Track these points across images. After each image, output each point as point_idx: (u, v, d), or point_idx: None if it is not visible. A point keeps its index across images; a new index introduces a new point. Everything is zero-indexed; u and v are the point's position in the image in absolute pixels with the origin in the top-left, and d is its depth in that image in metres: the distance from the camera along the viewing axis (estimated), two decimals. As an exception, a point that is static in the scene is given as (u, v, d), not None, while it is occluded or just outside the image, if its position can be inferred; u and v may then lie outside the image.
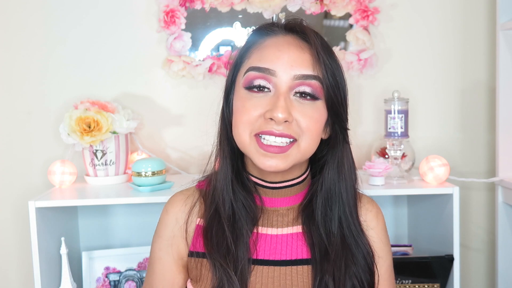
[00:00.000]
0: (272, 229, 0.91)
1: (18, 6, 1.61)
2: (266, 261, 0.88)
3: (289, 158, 0.84)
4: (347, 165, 0.92)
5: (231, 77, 0.91)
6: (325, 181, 0.91)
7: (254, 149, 0.85)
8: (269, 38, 0.87)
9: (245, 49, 0.89)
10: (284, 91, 0.83)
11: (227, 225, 0.88)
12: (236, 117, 0.87)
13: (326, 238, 0.89)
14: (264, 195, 0.92)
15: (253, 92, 0.85)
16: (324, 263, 0.87)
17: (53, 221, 1.41)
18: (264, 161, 0.84)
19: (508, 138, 1.57)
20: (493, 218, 1.67)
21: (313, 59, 0.84)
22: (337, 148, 0.91)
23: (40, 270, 1.31)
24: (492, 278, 1.73)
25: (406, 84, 1.65)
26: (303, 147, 0.85)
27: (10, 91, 1.64)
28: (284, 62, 0.83)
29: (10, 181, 1.65)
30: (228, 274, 0.85)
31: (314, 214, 0.91)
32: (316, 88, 0.84)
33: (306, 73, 0.83)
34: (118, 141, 1.50)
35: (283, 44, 0.85)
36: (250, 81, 0.85)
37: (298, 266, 0.89)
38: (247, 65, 0.87)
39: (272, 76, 0.83)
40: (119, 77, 1.64)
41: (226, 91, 0.92)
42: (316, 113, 0.85)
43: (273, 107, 0.82)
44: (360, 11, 1.62)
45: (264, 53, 0.85)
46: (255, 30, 0.91)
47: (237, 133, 0.87)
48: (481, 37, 1.69)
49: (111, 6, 1.62)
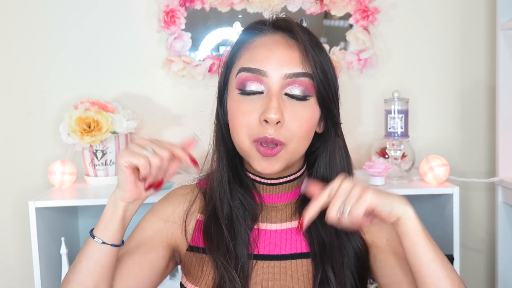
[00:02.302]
0: (272, 225, 0.92)
1: (19, 7, 1.61)
2: (267, 256, 0.89)
3: (280, 160, 0.86)
4: (339, 158, 0.93)
5: (223, 78, 0.92)
6: (317, 174, 0.93)
7: (253, 154, 0.86)
8: (258, 37, 0.89)
9: (236, 50, 0.91)
10: (276, 91, 0.85)
11: (225, 225, 0.90)
12: (233, 121, 0.88)
13: (322, 230, 0.90)
14: (263, 191, 0.93)
15: (246, 95, 0.86)
16: (324, 255, 0.88)
17: (53, 221, 1.41)
18: (260, 164, 0.86)
19: (508, 138, 1.57)
20: (493, 218, 1.67)
21: (302, 56, 0.85)
22: (329, 142, 0.92)
23: (40, 270, 1.31)
24: (492, 278, 1.73)
25: (406, 84, 1.65)
26: (291, 149, 0.86)
27: (11, 91, 1.64)
28: (274, 62, 0.85)
29: (10, 181, 1.66)
30: (229, 272, 0.86)
31: None
32: (307, 86, 0.85)
33: (296, 71, 0.85)
34: (118, 141, 1.50)
35: (272, 43, 0.87)
36: (242, 83, 0.86)
37: (298, 259, 0.89)
38: (238, 66, 0.88)
39: (263, 76, 0.85)
40: (119, 77, 1.64)
41: (219, 92, 0.94)
42: (307, 112, 0.86)
43: (266, 109, 0.83)
44: (360, 11, 1.62)
45: (254, 53, 0.87)
46: (244, 29, 0.93)
47: (236, 138, 0.88)
48: (481, 37, 1.69)
49: (111, 6, 1.62)
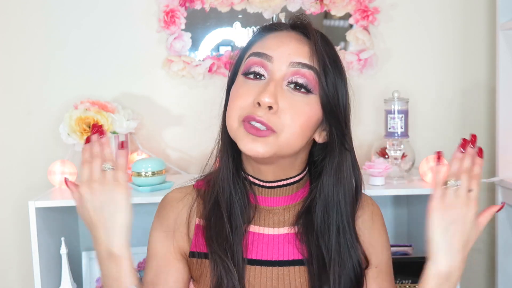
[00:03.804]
0: (268, 229, 0.91)
1: (18, 7, 1.61)
2: (262, 261, 0.88)
3: (268, 145, 0.82)
4: (346, 173, 0.90)
5: (233, 71, 0.91)
6: (323, 188, 0.90)
7: (240, 133, 0.84)
8: (273, 32, 0.89)
9: (249, 44, 0.91)
10: (278, 78, 0.84)
11: (226, 217, 0.88)
12: (229, 103, 0.87)
13: (323, 245, 0.88)
14: (259, 194, 0.92)
15: (249, 79, 0.85)
16: (322, 270, 0.87)
17: (53, 221, 1.41)
18: (245, 143, 0.83)
19: (508, 138, 1.57)
20: (493, 218, 1.67)
21: (311, 51, 0.85)
22: (334, 154, 0.89)
23: (40, 270, 1.31)
24: (492, 278, 1.72)
25: (406, 84, 1.65)
26: (282, 141, 0.82)
27: (11, 91, 1.64)
28: (283, 51, 0.85)
29: (10, 181, 1.65)
30: (227, 267, 0.85)
31: (312, 221, 0.90)
32: (311, 80, 0.84)
33: (302, 62, 0.84)
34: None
35: (285, 37, 0.87)
36: (248, 67, 0.86)
37: (295, 266, 0.88)
38: (248, 55, 0.88)
39: (269, 62, 0.84)
40: (119, 77, 1.64)
41: (228, 85, 0.92)
42: (306, 108, 0.83)
43: (262, 91, 0.82)
44: (360, 11, 1.62)
45: (266, 42, 0.87)
46: (260, 27, 0.92)
47: (228, 118, 0.86)
48: (481, 37, 1.69)
49: (111, 6, 1.62)
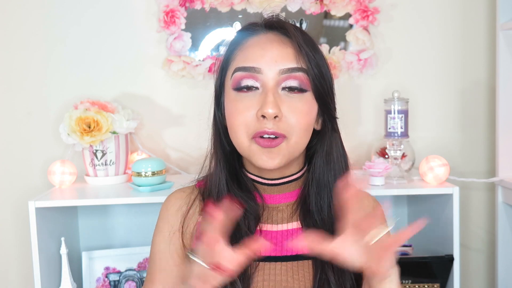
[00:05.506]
0: (274, 225, 0.92)
1: (17, 5, 1.60)
2: (268, 258, 0.89)
3: (281, 153, 0.85)
4: (336, 154, 0.93)
5: (219, 81, 0.93)
6: (315, 170, 0.92)
7: (253, 149, 0.86)
8: (251, 38, 0.90)
9: (230, 52, 0.91)
10: (272, 86, 0.85)
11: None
12: (231, 120, 0.88)
13: (321, 228, 0.89)
14: (264, 192, 0.93)
15: (242, 93, 0.87)
16: (324, 260, 0.87)
17: (53, 221, 1.41)
18: (260, 159, 0.86)
19: (508, 138, 1.57)
20: (493, 218, 1.67)
21: (296, 53, 0.86)
22: (326, 137, 0.92)
23: (40, 270, 1.31)
24: (492, 278, 1.72)
25: (406, 84, 1.65)
26: (293, 143, 0.86)
27: (10, 91, 1.64)
28: (268, 59, 0.85)
29: (10, 181, 1.65)
30: None
31: (309, 205, 0.92)
32: (303, 80, 0.86)
33: (290, 66, 0.85)
34: (118, 141, 1.50)
35: (266, 42, 0.87)
36: (238, 82, 0.87)
37: (299, 261, 0.89)
38: (233, 66, 0.89)
39: (258, 74, 0.85)
40: (119, 77, 1.64)
41: (216, 95, 0.94)
42: (305, 106, 0.86)
43: (263, 104, 0.83)
44: (360, 11, 1.62)
45: (248, 52, 0.88)
46: (237, 31, 0.93)
47: (235, 137, 0.88)
48: (481, 37, 1.69)
49: (111, 5, 1.62)
